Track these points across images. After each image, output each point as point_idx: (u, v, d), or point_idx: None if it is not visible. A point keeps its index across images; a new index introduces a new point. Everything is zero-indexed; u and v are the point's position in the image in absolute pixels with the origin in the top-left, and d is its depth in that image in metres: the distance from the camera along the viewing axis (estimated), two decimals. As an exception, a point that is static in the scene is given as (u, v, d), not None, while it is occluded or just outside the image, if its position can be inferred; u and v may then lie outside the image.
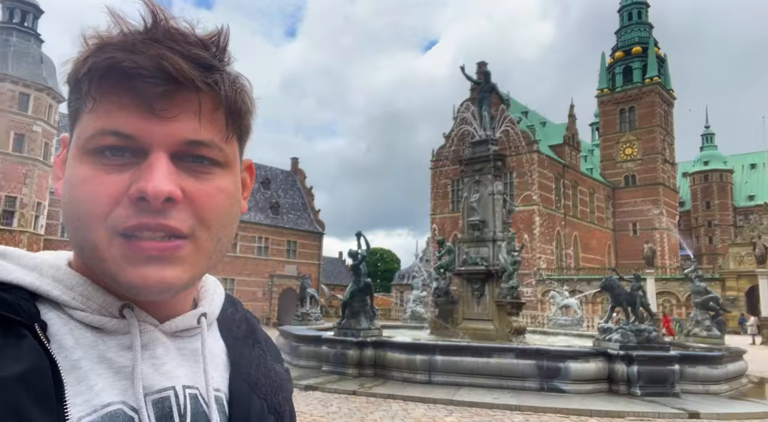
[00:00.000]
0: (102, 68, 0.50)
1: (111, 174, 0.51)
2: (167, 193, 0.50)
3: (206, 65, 0.52)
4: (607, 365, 10.38)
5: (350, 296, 12.23)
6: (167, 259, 0.52)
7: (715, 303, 13.69)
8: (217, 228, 0.55)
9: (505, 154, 16.47)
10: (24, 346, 0.46)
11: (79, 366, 0.50)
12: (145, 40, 0.51)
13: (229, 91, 0.54)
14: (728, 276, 40.86)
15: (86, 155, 0.52)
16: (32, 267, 0.54)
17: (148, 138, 0.51)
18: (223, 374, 0.64)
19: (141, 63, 0.49)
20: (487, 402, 9.27)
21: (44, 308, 0.53)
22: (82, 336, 0.53)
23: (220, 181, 0.55)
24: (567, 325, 18.44)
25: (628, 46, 68.10)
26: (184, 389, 0.57)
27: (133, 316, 0.55)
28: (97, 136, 0.51)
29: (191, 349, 0.61)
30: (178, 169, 0.52)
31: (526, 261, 47.19)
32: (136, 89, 0.50)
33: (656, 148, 63.75)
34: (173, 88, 0.51)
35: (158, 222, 0.50)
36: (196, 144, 0.53)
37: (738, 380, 11.26)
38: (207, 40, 0.54)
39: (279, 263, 42.57)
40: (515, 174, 49.48)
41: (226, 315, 0.70)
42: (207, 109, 0.53)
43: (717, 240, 68.32)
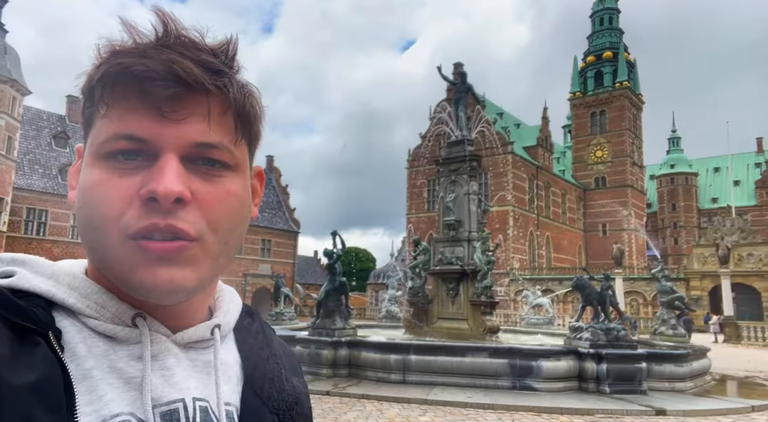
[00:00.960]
0: (113, 73, 0.51)
1: (123, 177, 0.51)
2: (177, 193, 0.50)
3: (215, 70, 0.54)
4: (577, 363, 10.57)
5: (325, 295, 12.15)
6: (175, 260, 0.52)
7: (680, 303, 14.10)
8: (225, 232, 0.55)
9: (480, 154, 16.61)
10: (38, 354, 0.47)
11: (91, 376, 0.51)
12: (155, 47, 0.52)
13: (238, 95, 0.55)
14: (692, 276, 42.20)
15: (100, 160, 0.53)
16: (49, 275, 0.55)
17: (159, 141, 0.52)
18: (236, 387, 0.63)
19: (151, 66, 0.50)
20: (460, 401, 9.33)
21: (59, 316, 0.53)
22: (95, 345, 0.53)
23: (230, 183, 0.56)
24: (539, 324, 18.75)
25: (600, 51, 69.71)
26: (194, 401, 0.56)
27: (145, 325, 0.55)
28: (110, 140, 0.52)
29: (204, 361, 0.60)
30: (188, 171, 0.53)
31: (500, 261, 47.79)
32: (146, 92, 0.51)
33: (625, 150, 65.43)
34: (183, 91, 0.51)
35: (167, 222, 0.51)
36: (206, 146, 0.54)
37: (702, 377, 11.61)
38: (216, 48, 0.56)
39: (253, 262, 42.10)
40: (490, 174, 50.09)
41: (242, 326, 0.69)
42: (216, 111, 0.54)
43: (682, 241, 70.50)
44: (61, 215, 34.19)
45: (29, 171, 34.21)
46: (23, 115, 32.02)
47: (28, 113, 35.31)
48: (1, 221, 29.56)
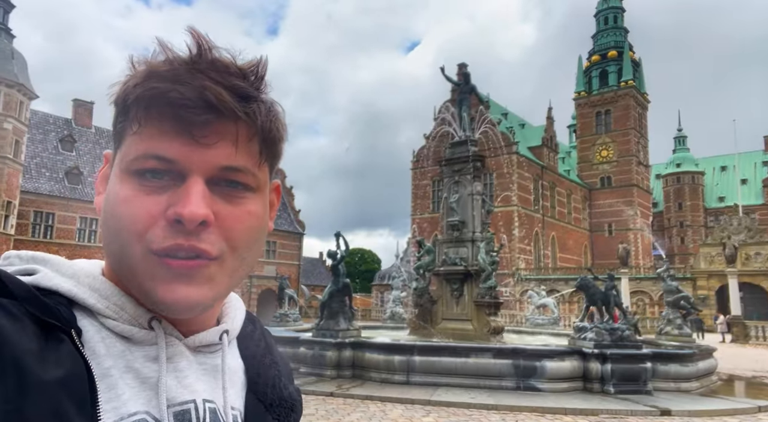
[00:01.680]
0: (149, 97, 0.53)
1: (150, 195, 0.53)
2: (202, 217, 0.52)
3: (244, 95, 0.55)
4: (582, 363, 10.53)
5: (329, 296, 12.17)
6: (194, 277, 0.54)
7: (686, 302, 14.02)
8: (243, 250, 0.57)
9: (484, 154, 16.61)
10: (63, 351, 0.48)
11: (110, 374, 0.52)
12: (190, 71, 0.54)
13: (265, 121, 0.57)
14: (699, 276, 41.93)
15: (128, 175, 0.55)
16: (70, 275, 0.57)
17: (188, 163, 0.54)
18: (240, 392, 0.65)
19: (186, 93, 0.52)
20: (464, 401, 9.32)
21: (79, 315, 0.55)
22: (113, 345, 0.55)
23: (251, 204, 0.58)
24: (544, 324, 18.69)
25: (604, 50, 69.45)
26: (204, 403, 0.58)
27: (161, 328, 0.57)
28: (141, 158, 0.54)
29: (212, 365, 0.62)
30: (213, 193, 0.55)
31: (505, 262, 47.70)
32: (179, 117, 0.53)
33: (631, 150, 65.14)
34: (213, 117, 0.53)
35: (191, 243, 0.53)
36: (232, 170, 0.56)
37: (708, 377, 11.54)
38: (246, 69, 0.57)
39: (258, 263, 42.15)
40: (495, 175, 49.98)
41: (245, 333, 0.71)
42: (244, 137, 0.56)
43: (689, 240, 70.08)
44: (68, 218, 34.43)
45: (36, 174, 34.48)
46: (30, 119, 32.29)
47: (35, 117, 35.58)
48: (9, 224, 29.80)
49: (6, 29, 31.12)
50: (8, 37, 31.07)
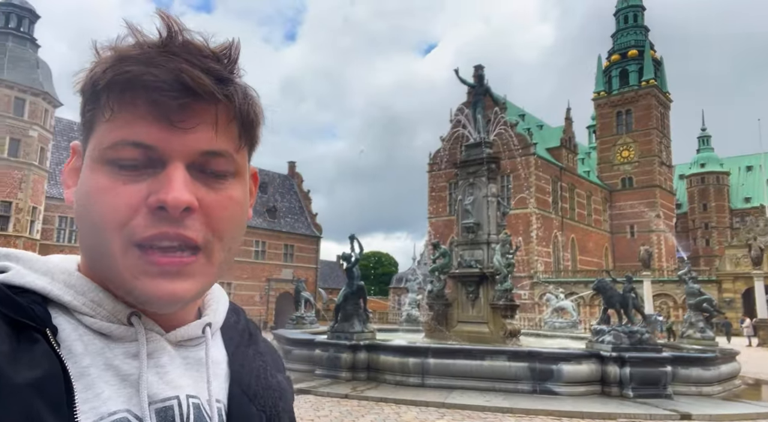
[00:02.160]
0: (122, 81, 0.51)
1: (128, 184, 0.51)
2: (186, 203, 0.51)
3: (221, 77, 0.54)
4: (599, 367, 10.38)
5: (343, 299, 12.22)
6: (179, 273, 0.52)
7: (708, 305, 13.68)
8: (229, 239, 0.56)
9: (499, 156, 16.50)
10: (37, 351, 0.46)
11: (88, 374, 0.50)
12: (162, 53, 0.52)
13: (243, 104, 0.56)
14: (725, 278, 40.92)
15: (103, 165, 0.52)
16: (44, 272, 0.55)
17: (167, 149, 0.52)
18: (223, 384, 0.64)
19: (161, 76, 0.50)
20: (479, 404, 9.26)
21: (54, 313, 0.53)
22: (91, 343, 0.53)
23: (232, 190, 0.56)
24: (563, 328, 18.43)
25: (624, 49, 68.40)
26: (187, 398, 0.57)
27: (141, 324, 0.55)
28: (116, 146, 0.52)
29: (195, 359, 0.61)
30: (194, 179, 0.53)
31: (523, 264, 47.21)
32: (155, 102, 0.51)
33: (653, 150, 63.94)
34: (191, 101, 0.52)
35: (177, 231, 0.51)
36: (212, 154, 0.54)
37: (731, 381, 11.27)
38: (219, 52, 0.55)
39: (276, 267, 42.52)
40: (512, 177, 49.56)
41: (228, 324, 0.70)
42: (223, 120, 0.54)
43: (714, 242, 68.44)
44: (92, 223, 35.11)
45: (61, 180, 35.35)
46: (55, 127, 33.13)
47: (59, 124, 36.51)
48: (35, 229, 30.59)
49: (31, 39, 32.03)
50: (33, 46, 31.97)
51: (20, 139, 29.58)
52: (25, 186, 29.55)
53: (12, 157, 29.31)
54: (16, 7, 31.68)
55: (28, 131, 29.94)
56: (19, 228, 29.14)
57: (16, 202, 29.17)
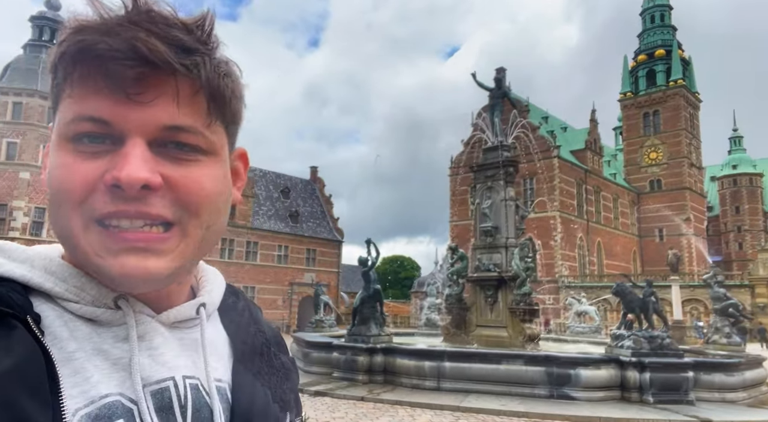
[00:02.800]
0: (74, 51, 0.49)
1: (87, 160, 0.50)
2: (143, 180, 0.49)
3: (185, 47, 0.51)
4: (619, 372, 10.22)
5: (360, 303, 12.33)
6: (150, 250, 0.51)
7: (734, 310, 13.34)
8: (207, 216, 0.54)
9: (517, 159, 16.41)
10: (15, 339, 0.45)
11: (75, 358, 0.50)
12: (122, 23, 0.49)
13: (211, 74, 0.52)
14: (758, 283, 39.62)
15: (65, 142, 0.51)
16: (23, 260, 0.53)
17: (124, 123, 0.50)
18: (226, 364, 0.63)
19: (114, 45, 0.48)
20: (494, 408, 9.23)
21: (37, 301, 0.51)
22: (77, 328, 0.52)
23: (205, 167, 0.54)
24: (585, 332, 18.16)
25: (651, 49, 67.04)
26: (184, 379, 0.56)
27: (129, 306, 0.54)
28: (75, 121, 0.50)
29: (191, 339, 0.60)
30: (159, 155, 0.51)
31: (547, 268, 46.58)
32: (109, 72, 0.48)
33: (682, 151, 62.37)
34: (149, 71, 0.49)
35: (138, 209, 0.50)
36: (175, 129, 0.51)
37: (758, 388, 10.94)
38: (191, 23, 0.53)
39: (298, 271, 42.97)
40: (534, 180, 49.02)
41: (227, 305, 0.69)
42: (186, 93, 0.51)
43: (747, 245, 66.20)
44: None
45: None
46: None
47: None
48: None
49: (61, 50, 33.30)
50: (62, 56, 33.23)
51: (53, 148, 30.74)
52: (58, 192, 30.67)
53: (46, 164, 30.47)
54: (49, 20, 32.98)
55: (59, 139, 31.10)
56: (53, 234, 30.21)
57: (49, 208, 30.24)
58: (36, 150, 29.98)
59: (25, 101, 30.23)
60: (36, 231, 29.97)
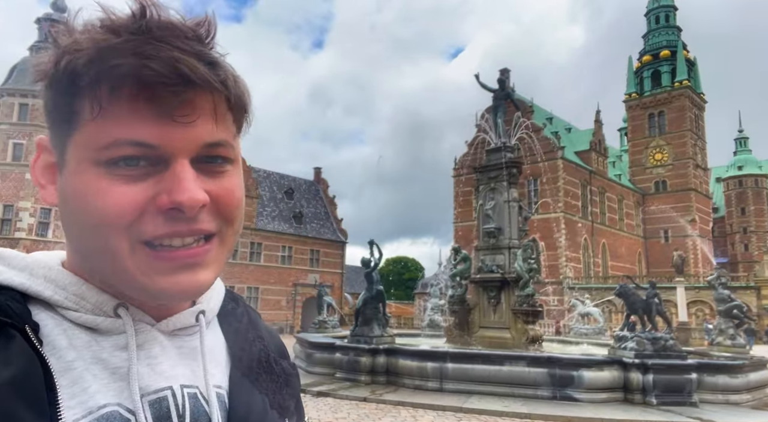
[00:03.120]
0: (115, 77, 0.48)
1: (130, 184, 0.49)
2: (202, 202, 0.50)
3: (212, 62, 0.52)
4: (622, 373, 10.19)
5: (363, 304, 12.36)
6: (199, 264, 0.52)
7: (739, 311, 13.28)
8: (238, 223, 0.56)
9: (520, 161, 16.40)
10: (13, 349, 0.45)
11: (73, 368, 0.49)
12: (148, 41, 0.48)
13: (234, 87, 0.54)
14: (764, 285, 39.42)
15: (97, 166, 0.49)
16: (22, 268, 0.53)
17: (170, 146, 0.50)
18: (224, 370, 0.63)
19: (159, 69, 0.47)
20: (496, 409, 9.22)
21: (36, 309, 0.51)
22: (76, 337, 0.52)
23: (233, 176, 0.55)
24: (588, 334, 18.11)
25: (656, 50, 66.84)
26: (182, 388, 0.56)
27: (128, 315, 0.54)
28: (115, 146, 0.49)
29: (190, 347, 0.60)
30: (198, 172, 0.52)
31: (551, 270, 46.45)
32: (156, 98, 0.48)
33: (687, 152, 62.11)
34: (192, 93, 0.50)
35: (191, 228, 0.51)
36: (214, 145, 0.53)
37: (761, 390, 10.88)
38: (199, 31, 0.53)
39: (302, 272, 43.03)
40: (539, 181, 48.92)
41: (226, 311, 0.69)
42: (221, 109, 0.53)
43: (753, 247, 65.81)
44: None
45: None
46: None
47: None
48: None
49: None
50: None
51: (59, 149, 30.93)
52: (64, 193, 30.85)
53: (51, 166, 30.66)
54: (55, 21, 33.21)
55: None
56: (59, 235, 30.37)
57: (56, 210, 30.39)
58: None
59: (32, 103, 30.44)
60: (42, 232, 30.16)
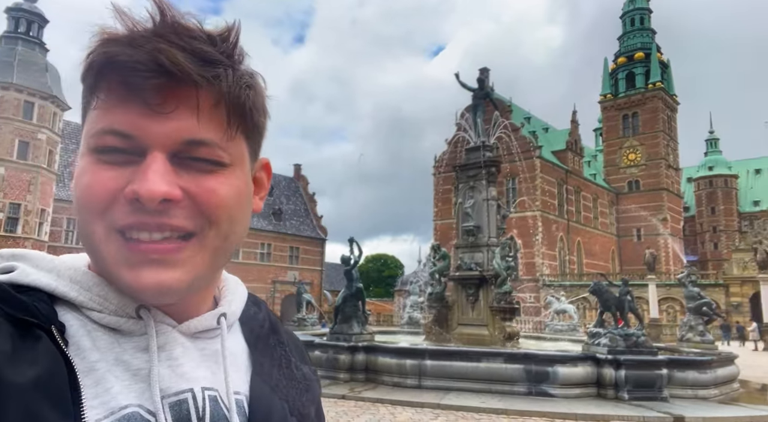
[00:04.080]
0: (99, 63, 0.50)
1: (110, 170, 0.51)
2: (162, 195, 0.49)
3: (208, 59, 0.51)
4: (595, 369, 10.42)
5: (342, 301, 12.35)
6: (166, 262, 0.51)
7: (708, 308, 13.69)
8: (225, 226, 0.54)
9: (499, 160, 16.58)
10: (40, 349, 0.46)
11: (96, 369, 0.50)
12: (146, 35, 0.50)
13: (233, 86, 0.53)
14: (732, 282, 40.67)
15: (90, 152, 0.52)
16: (50, 269, 0.54)
17: (146, 137, 0.50)
18: (244, 376, 0.62)
19: (136, 56, 0.48)
20: (474, 405, 9.34)
21: (62, 310, 0.52)
22: (99, 338, 0.52)
23: (224, 178, 0.54)
24: (563, 331, 18.45)
25: (631, 52, 68.22)
26: (203, 391, 0.56)
27: (150, 317, 0.54)
28: (99, 134, 0.51)
29: (212, 350, 0.60)
30: (179, 167, 0.51)
31: (528, 268, 47.13)
32: (130, 83, 0.49)
33: (660, 153, 63.64)
34: (169, 82, 0.49)
35: (159, 221, 0.50)
36: (196, 143, 0.52)
37: (729, 385, 11.25)
38: (215, 35, 0.53)
39: (281, 269, 42.80)
40: (517, 180, 49.53)
41: (248, 315, 0.69)
42: (206, 105, 0.52)
43: (722, 245, 67.92)
44: (99, 225, 35.62)
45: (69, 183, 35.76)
46: (63, 130, 33.61)
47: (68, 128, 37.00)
48: (43, 231, 31.04)
49: (40, 43, 32.55)
50: (42, 50, 32.49)
51: (29, 142, 30.06)
52: (34, 188, 30.00)
53: (21, 159, 29.78)
54: (25, 11, 32.22)
55: (36, 134, 30.42)
56: (28, 231, 29.56)
57: (25, 204, 29.61)
58: (11, 144, 29.29)
59: (0, 94, 29.52)
60: (11, 228, 29.29)
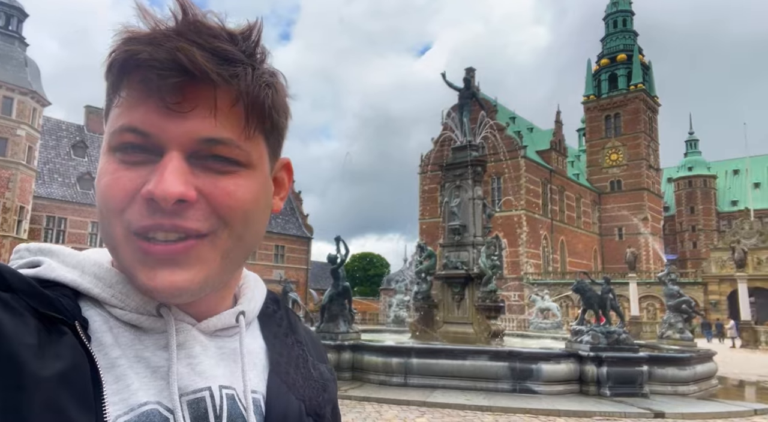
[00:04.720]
0: (120, 60, 0.50)
1: (129, 170, 0.50)
2: (177, 195, 0.49)
3: (227, 58, 0.51)
4: (578, 366, 10.59)
5: (329, 300, 12.35)
6: (178, 262, 0.51)
7: (687, 306, 13.99)
8: (239, 227, 0.53)
9: (485, 159, 16.72)
10: (64, 344, 0.46)
11: (118, 365, 0.50)
12: (167, 34, 0.50)
13: (251, 86, 0.52)
14: (710, 281, 41.53)
15: (111, 151, 0.52)
16: (74, 265, 0.54)
17: (163, 136, 0.50)
18: (261, 374, 0.62)
19: (156, 55, 0.48)
20: (459, 403, 9.42)
21: (85, 305, 0.53)
22: (121, 335, 0.53)
23: (241, 178, 0.53)
24: (547, 328, 18.71)
25: (614, 54, 69.20)
26: (220, 389, 0.56)
27: (170, 315, 0.54)
28: (118, 132, 0.51)
29: (231, 348, 0.60)
30: (196, 167, 0.51)
31: (512, 266, 47.58)
32: (149, 81, 0.49)
33: (641, 153, 64.68)
34: (187, 81, 0.49)
35: (173, 223, 0.50)
36: (213, 142, 0.51)
37: (708, 381, 11.52)
38: (237, 34, 0.53)
39: (267, 268, 42.53)
40: (501, 179, 49.94)
41: (267, 313, 0.69)
42: (224, 104, 0.51)
43: (701, 244, 69.32)
44: (80, 223, 35.05)
45: (49, 180, 35.19)
46: (43, 126, 33.00)
47: (47, 124, 36.35)
48: (22, 229, 30.43)
49: (20, 38, 31.90)
50: (22, 45, 31.85)
51: (8, 138, 29.44)
52: (13, 185, 29.40)
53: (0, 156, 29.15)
54: (4, 5, 31.55)
55: (15, 130, 29.80)
56: (6, 228, 28.98)
57: (4, 202, 29.01)
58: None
59: (-22, 89, 28.87)
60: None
